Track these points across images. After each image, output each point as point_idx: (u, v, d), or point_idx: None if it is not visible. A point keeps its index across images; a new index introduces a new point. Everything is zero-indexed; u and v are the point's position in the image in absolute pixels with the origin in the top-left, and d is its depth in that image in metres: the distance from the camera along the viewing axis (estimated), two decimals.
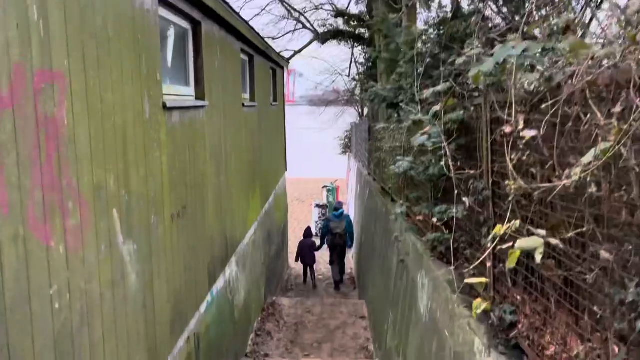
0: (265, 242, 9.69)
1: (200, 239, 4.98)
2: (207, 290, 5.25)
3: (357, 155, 19.85)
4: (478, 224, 3.18)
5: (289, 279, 13.23)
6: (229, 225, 6.38)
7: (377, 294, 7.88)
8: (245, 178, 7.73)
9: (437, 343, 3.76)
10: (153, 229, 3.64)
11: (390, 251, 6.97)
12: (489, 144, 2.88)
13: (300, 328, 8.42)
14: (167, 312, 3.95)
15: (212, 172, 5.52)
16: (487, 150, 2.90)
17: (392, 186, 7.36)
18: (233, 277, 6.63)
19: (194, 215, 4.76)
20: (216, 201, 5.71)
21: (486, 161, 2.93)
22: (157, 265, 3.73)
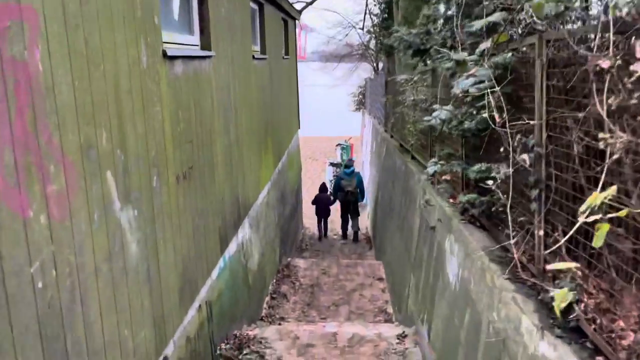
0: (279, 203, 9.38)
1: (210, 201, 4.64)
2: (219, 256, 4.96)
3: (372, 112, 19.23)
4: (525, 185, 2.76)
5: (303, 239, 13.03)
6: (240, 186, 6.03)
7: (396, 256, 7.58)
8: (257, 136, 7.32)
9: (470, 315, 3.42)
10: (155, 192, 3.28)
11: (411, 212, 6.60)
12: (544, 91, 2.42)
13: (316, 290, 8.21)
14: (175, 282, 3.65)
15: (220, 129, 5.12)
16: (542, 99, 2.44)
17: (414, 143, 6.89)
18: (246, 240, 6.34)
19: (201, 176, 4.39)
20: (226, 161, 5.33)
21: (539, 112, 2.48)
22: (162, 231, 3.40)
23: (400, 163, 8.19)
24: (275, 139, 9.18)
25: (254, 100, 7.13)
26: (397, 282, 7.22)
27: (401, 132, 9.13)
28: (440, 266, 4.49)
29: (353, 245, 12.40)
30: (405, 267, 6.56)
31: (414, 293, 5.72)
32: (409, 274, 6.21)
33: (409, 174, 7.09)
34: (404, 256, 6.84)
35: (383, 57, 21.84)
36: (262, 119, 7.81)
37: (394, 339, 5.36)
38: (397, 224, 7.79)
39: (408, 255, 6.45)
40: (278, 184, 9.43)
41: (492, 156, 3.28)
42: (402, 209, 7.45)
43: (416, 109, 6.07)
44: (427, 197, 4.96)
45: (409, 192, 7.01)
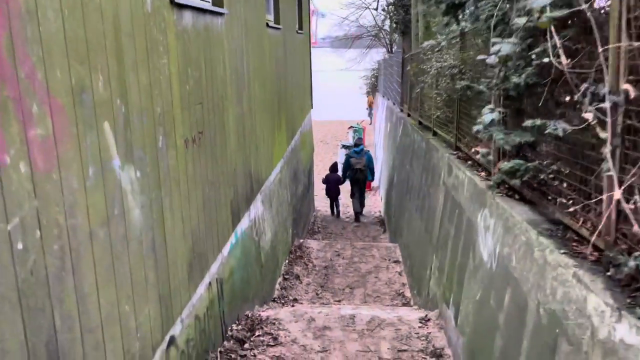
0: (292, 181, 9.04)
1: (221, 172, 4.30)
2: (231, 231, 4.63)
3: (386, 93, 18.75)
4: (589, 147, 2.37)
5: (315, 221, 12.70)
6: (253, 159, 5.68)
7: (415, 238, 7.21)
8: (270, 110, 6.94)
9: (511, 296, 3.06)
10: (161, 154, 2.94)
11: (433, 190, 6.21)
12: (623, 24, 2.01)
13: (330, 272, 7.89)
14: (184, 255, 3.32)
15: (233, 96, 4.75)
16: (619, 34, 2.03)
17: (437, 118, 6.46)
18: (259, 217, 6.01)
19: (213, 143, 4.04)
20: (238, 131, 4.98)
21: (615, 55, 2.07)
22: (169, 198, 3.06)
23: (420, 140, 7.78)
24: (289, 116, 8.81)
25: (268, 71, 6.74)
26: (416, 264, 6.87)
27: (421, 109, 8.70)
28: (471, 244, 4.12)
29: (366, 228, 12.06)
30: (426, 249, 6.20)
31: (437, 275, 5.37)
32: (431, 256, 5.85)
33: (431, 150, 6.69)
34: (424, 237, 6.47)
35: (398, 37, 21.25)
36: (275, 93, 7.43)
37: (416, 322, 5.02)
38: (417, 204, 7.41)
39: (429, 236, 6.08)
40: (291, 162, 9.08)
41: (542, 118, 2.87)
42: (422, 188, 7.06)
43: (442, 78, 5.63)
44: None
45: (430, 170, 6.61)
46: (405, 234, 8.32)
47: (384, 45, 25.06)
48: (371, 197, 15.28)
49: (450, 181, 5.25)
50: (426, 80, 7.00)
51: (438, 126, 6.97)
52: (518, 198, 3.53)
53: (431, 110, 7.47)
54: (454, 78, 5.09)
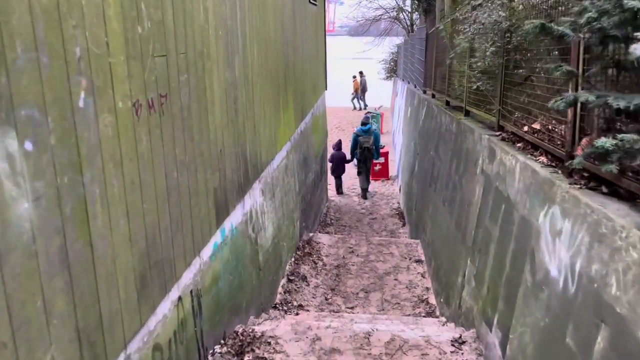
0: (300, 168, 8.03)
1: (200, 151, 3.31)
2: (215, 227, 3.65)
3: (406, 76, 17.57)
4: None
5: (327, 212, 11.70)
6: (250, 140, 4.68)
7: (442, 235, 6.17)
8: (274, 84, 5.92)
9: (609, 338, 2.02)
10: (83, 117, 1.95)
11: (467, 179, 5.15)
12: None
13: (342, 272, 6.90)
14: (130, 266, 2.35)
15: (219, 56, 3.74)
16: None
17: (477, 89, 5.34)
18: (257, 210, 5.02)
19: (185, 113, 3.04)
20: (228, 103, 3.98)
21: None
22: (100, 185, 2.08)
23: (449, 122, 6.70)
24: (298, 94, 7.77)
25: (271, 36, 5.71)
26: (443, 266, 5.84)
27: (449, 88, 7.60)
28: (527, 252, 3.07)
29: (383, 220, 11.03)
30: (457, 250, 5.16)
31: (474, 284, 4.33)
32: (464, 259, 4.81)
33: (464, 133, 5.61)
34: (454, 236, 5.43)
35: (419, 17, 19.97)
36: (282, 65, 6.40)
37: (447, 344, 4.00)
38: (444, 196, 6.35)
39: (462, 235, 5.04)
40: (300, 146, 8.07)
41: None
42: (452, 177, 6.00)
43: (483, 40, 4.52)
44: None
45: (462, 156, 5.54)
46: (429, 230, 7.27)
47: (404, 27, 23.74)
48: (389, 186, 14.22)
49: (493, 169, 4.19)
50: (459, 51, 5.90)
51: (472, 104, 5.88)
52: (607, 192, 2.48)
53: (463, 87, 6.38)
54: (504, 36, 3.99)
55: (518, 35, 3.71)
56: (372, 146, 12.09)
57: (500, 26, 3.90)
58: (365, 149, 12.03)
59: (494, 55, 4.29)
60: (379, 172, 14.68)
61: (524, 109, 3.85)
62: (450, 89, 7.64)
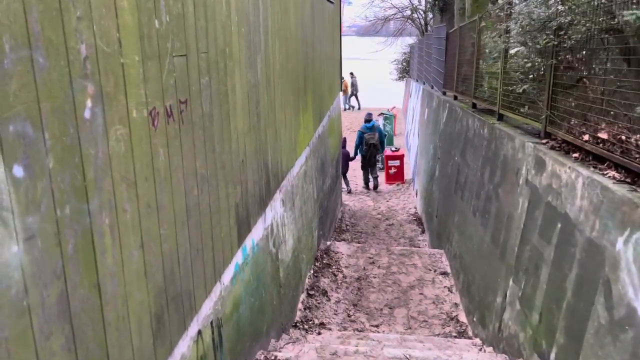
0: (318, 174, 7.65)
1: (221, 163, 2.93)
2: (236, 247, 3.27)
3: (421, 77, 17.14)
4: None
5: (342, 217, 11.31)
6: (271, 147, 4.30)
7: (473, 247, 5.76)
8: (294, 84, 5.54)
9: None
10: (89, 130, 1.57)
11: (506, 190, 4.73)
12: None
13: (364, 285, 6.50)
14: (145, 306, 1.97)
15: (241, 55, 3.37)
16: None
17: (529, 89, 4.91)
18: (277, 222, 4.65)
19: (207, 121, 2.67)
20: (250, 107, 3.60)
21: None
22: (111, 212, 1.70)
23: (479, 126, 6.28)
24: (316, 95, 7.39)
25: (292, 33, 5.33)
26: (476, 282, 5.42)
27: (477, 90, 7.18)
28: (600, 282, 2.66)
29: (401, 227, 10.62)
30: (494, 266, 4.75)
31: (518, 307, 3.92)
32: (504, 278, 4.40)
33: (500, 139, 5.19)
34: (490, 250, 5.01)
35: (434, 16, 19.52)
36: (302, 63, 6.02)
37: None
38: (475, 205, 5.94)
39: (500, 250, 4.63)
40: (318, 151, 7.68)
41: None
42: (485, 186, 5.58)
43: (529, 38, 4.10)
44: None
45: (498, 164, 5.13)
46: (455, 241, 6.86)
47: (417, 27, 23.29)
48: (404, 190, 13.80)
49: (542, 181, 3.77)
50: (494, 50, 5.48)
51: (507, 108, 5.46)
52: None
53: (494, 89, 5.96)
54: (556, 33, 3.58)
55: (577, 31, 3.29)
56: (377, 142, 12.66)
57: (553, 22, 3.48)
58: (371, 145, 12.60)
59: (542, 54, 3.87)
60: (394, 175, 14.26)
61: (581, 115, 3.43)
62: (477, 91, 7.23)
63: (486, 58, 6.85)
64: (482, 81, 7.10)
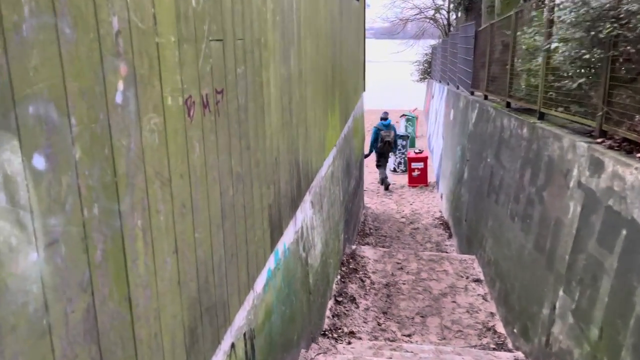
0: (344, 175, 7.40)
1: (256, 161, 2.70)
2: (269, 252, 3.04)
3: (444, 78, 16.78)
4: None
5: (365, 220, 11.03)
6: (302, 146, 4.07)
7: (512, 254, 5.44)
8: (323, 82, 5.31)
9: None
10: (120, 117, 1.35)
11: (551, 193, 4.42)
12: None
13: (393, 292, 6.22)
14: (178, 320, 1.75)
15: (276, 46, 3.14)
16: None
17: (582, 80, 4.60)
18: (307, 225, 4.41)
19: (243, 114, 2.44)
20: (283, 102, 3.37)
21: None
22: (140, 212, 1.48)
23: (516, 126, 5.96)
24: (343, 93, 7.15)
25: (322, 28, 5.10)
26: (516, 291, 5.11)
27: (512, 88, 6.87)
28: None
29: (427, 231, 10.31)
30: (539, 275, 4.44)
31: (571, 321, 3.61)
32: (552, 288, 4.09)
33: (543, 138, 4.88)
34: (533, 258, 4.70)
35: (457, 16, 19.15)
36: (330, 60, 5.79)
37: None
38: (513, 209, 5.62)
39: (547, 258, 4.32)
40: (344, 151, 7.44)
41: None
42: (526, 189, 5.27)
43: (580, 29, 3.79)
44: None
45: (543, 165, 4.82)
46: (489, 246, 6.54)
47: (439, 27, 22.92)
48: (427, 193, 13.47)
49: (599, 183, 3.46)
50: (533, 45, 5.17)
51: (550, 105, 5.15)
52: None
53: (532, 87, 5.66)
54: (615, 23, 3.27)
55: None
56: (392, 140, 12.92)
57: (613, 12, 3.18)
58: (386, 142, 12.83)
59: (598, 46, 3.57)
60: (418, 177, 13.92)
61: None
62: (512, 90, 6.91)
63: (523, 55, 6.54)
64: (517, 79, 6.78)
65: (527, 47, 6.48)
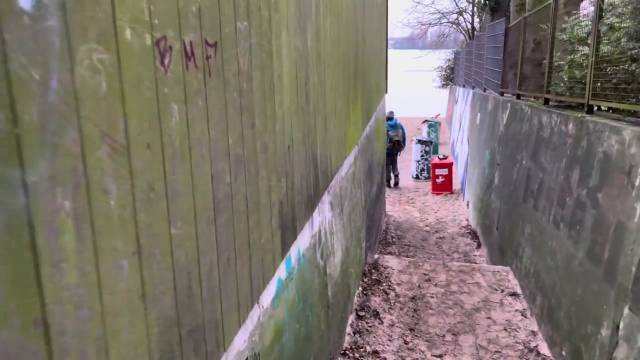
0: (366, 178, 6.86)
1: (263, 144, 2.19)
2: (279, 259, 2.51)
3: (468, 82, 16.15)
4: None
5: (387, 229, 10.43)
6: (320, 137, 3.55)
7: (557, 265, 4.81)
8: (344, 72, 4.80)
9: None
10: (45, 42, 0.84)
11: (607, 195, 3.81)
12: None
13: (420, 306, 5.62)
14: (134, 355, 1.23)
15: (290, 13, 2.63)
16: None
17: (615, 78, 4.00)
18: (325, 229, 3.87)
19: (244, 81, 1.93)
20: (297, 81, 2.86)
21: None
22: (73, 192, 0.97)
23: (558, 122, 5.35)
24: (365, 89, 6.63)
25: (344, 10, 4.60)
26: (564, 308, 4.47)
27: (551, 82, 6.27)
28: None
29: (453, 240, 9.66)
30: (595, 289, 3.81)
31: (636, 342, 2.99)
32: (613, 305, 3.46)
33: (595, 133, 4.28)
34: (586, 269, 4.08)
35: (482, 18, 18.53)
36: (352, 49, 5.28)
37: None
38: (557, 214, 5.00)
39: (605, 269, 3.69)
40: (366, 152, 6.90)
41: None
42: (573, 191, 4.65)
43: None
44: None
45: (595, 164, 4.21)
46: (527, 256, 5.90)
47: (462, 31, 22.29)
48: (453, 201, 12.80)
49: None
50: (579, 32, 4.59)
51: (603, 96, 4.55)
52: None
53: (577, 79, 5.06)
54: None
55: None
56: (401, 139, 13.07)
57: None
58: (395, 142, 12.95)
59: None
60: (442, 184, 13.28)
61: None
62: (550, 85, 6.31)
63: (564, 46, 5.95)
64: (557, 73, 6.19)
65: (569, 37, 5.90)
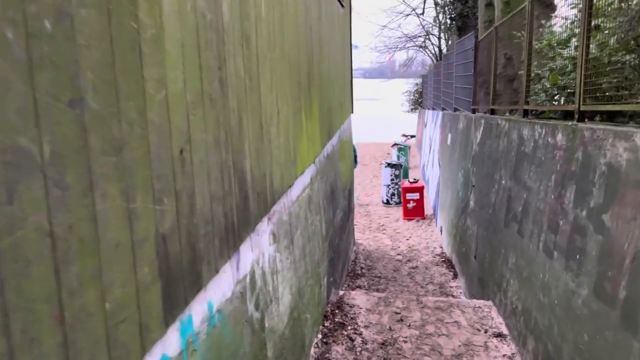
0: (328, 203, 5.99)
1: (103, 135, 1.29)
2: (160, 328, 1.58)
3: (438, 104, 15.70)
4: None
5: (356, 259, 9.55)
6: (251, 147, 2.67)
7: (551, 301, 4.00)
8: (294, 74, 3.97)
9: None
10: None
11: (621, 213, 3.04)
12: None
13: (391, 354, 4.70)
14: None
15: None
16: None
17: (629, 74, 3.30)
18: (264, 269, 2.95)
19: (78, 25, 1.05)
20: (201, 57, 2.00)
21: None
22: None
23: (544, 134, 4.65)
24: (324, 101, 5.83)
25: (291, 7, 3.80)
26: (568, 356, 3.64)
27: (527, 95, 5.63)
28: None
29: (427, 270, 8.84)
30: (608, 335, 3.00)
31: None
32: (627, 344, 2.64)
33: (594, 142, 3.55)
34: (593, 309, 3.27)
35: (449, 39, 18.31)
36: (304, 52, 4.48)
37: None
38: (548, 241, 4.22)
39: (623, 311, 2.89)
40: (327, 174, 6.05)
41: None
42: (567, 213, 3.89)
43: None
44: None
45: (598, 179, 3.46)
46: (514, 290, 5.09)
47: (429, 54, 22.11)
48: (425, 227, 12.05)
49: None
50: None
51: (596, 100, 3.86)
52: None
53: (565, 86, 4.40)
54: None
55: None
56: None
57: None
58: None
59: None
60: (413, 209, 12.55)
61: None
62: (530, 95, 5.66)
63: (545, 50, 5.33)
64: (537, 82, 5.56)
65: (548, 41, 5.29)
